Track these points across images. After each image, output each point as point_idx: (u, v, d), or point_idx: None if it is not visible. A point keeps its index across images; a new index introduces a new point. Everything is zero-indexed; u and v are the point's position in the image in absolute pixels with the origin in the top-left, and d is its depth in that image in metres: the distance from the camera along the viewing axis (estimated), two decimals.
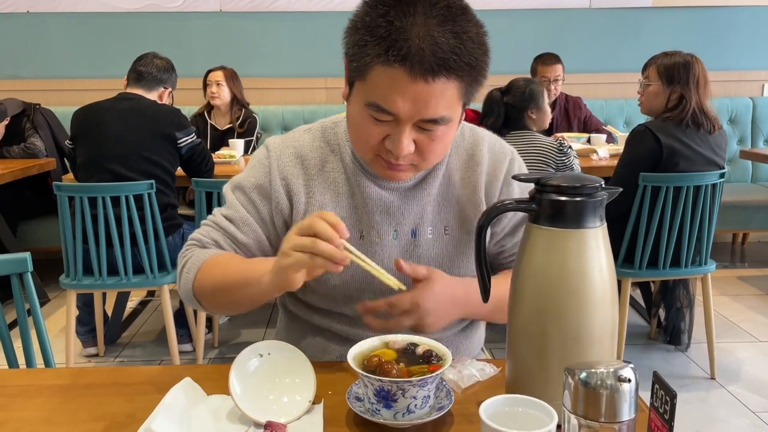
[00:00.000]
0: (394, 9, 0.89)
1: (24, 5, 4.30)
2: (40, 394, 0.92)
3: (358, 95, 0.97)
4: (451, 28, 0.89)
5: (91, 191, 2.47)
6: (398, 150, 0.95)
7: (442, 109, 0.92)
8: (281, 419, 0.84)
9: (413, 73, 0.88)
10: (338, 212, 1.11)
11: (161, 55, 2.90)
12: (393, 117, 0.93)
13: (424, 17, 0.88)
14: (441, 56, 0.88)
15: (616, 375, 0.64)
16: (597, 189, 0.81)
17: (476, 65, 0.92)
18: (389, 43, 0.88)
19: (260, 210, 1.12)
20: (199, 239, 1.13)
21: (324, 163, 1.13)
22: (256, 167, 1.14)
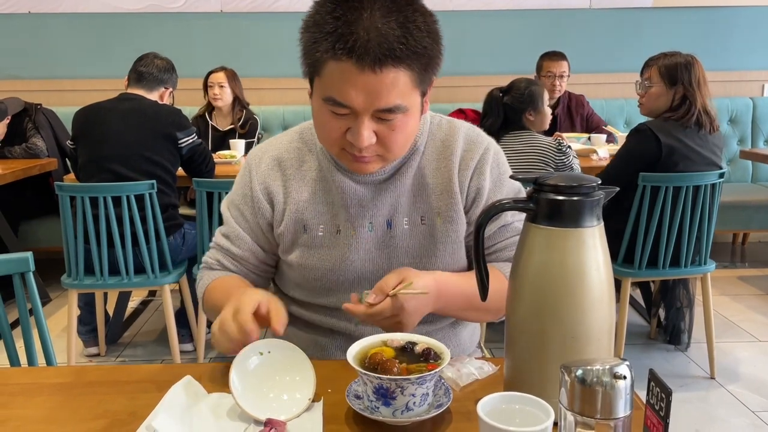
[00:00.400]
0: (341, 6, 0.92)
1: (25, 6, 4.31)
2: (42, 393, 0.93)
3: (316, 92, 1.00)
4: (396, 18, 0.91)
5: (92, 191, 2.48)
6: (358, 141, 0.97)
7: (395, 98, 0.94)
8: (281, 417, 0.85)
9: (361, 64, 0.90)
10: (315, 208, 1.14)
11: (162, 56, 2.91)
12: (349, 110, 0.95)
13: (370, 11, 0.91)
14: (386, 46, 0.90)
15: (612, 372, 0.65)
16: (594, 188, 0.82)
17: (425, 53, 0.94)
18: (336, 37, 0.91)
19: (249, 220, 1.18)
20: (206, 262, 1.24)
21: (301, 162, 1.17)
22: (239, 180, 1.20)
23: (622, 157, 2.62)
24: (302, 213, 1.15)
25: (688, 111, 2.48)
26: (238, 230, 1.18)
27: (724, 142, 2.65)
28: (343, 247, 1.13)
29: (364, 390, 0.85)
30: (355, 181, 1.13)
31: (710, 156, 2.53)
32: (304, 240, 1.15)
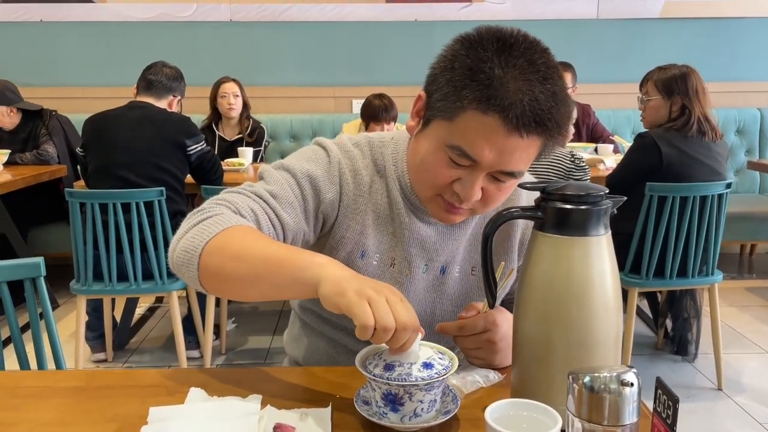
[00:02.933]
0: (497, 57, 0.88)
1: (37, 14, 4.36)
2: (54, 396, 0.94)
3: (437, 134, 0.94)
4: (550, 87, 0.89)
5: (102, 198, 2.51)
6: (468, 196, 0.94)
7: (522, 164, 0.93)
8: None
9: (509, 125, 0.87)
10: (375, 236, 1.09)
11: (170, 64, 2.94)
12: (473, 163, 0.92)
13: (525, 72, 0.88)
14: (539, 114, 0.88)
15: (619, 379, 0.65)
16: (601, 198, 0.83)
17: (563, 126, 0.92)
18: (491, 91, 0.87)
19: (307, 200, 1.04)
20: (233, 202, 0.98)
21: (371, 182, 1.09)
22: (312, 160, 1.07)
23: (625, 164, 2.67)
24: (365, 236, 1.08)
25: (688, 120, 2.52)
26: (291, 198, 1.02)
27: (729, 150, 2.66)
28: (393, 281, 1.09)
29: (372, 396, 0.85)
30: (420, 220, 1.08)
31: (713, 164, 2.54)
32: (358, 264, 1.08)
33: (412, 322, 0.78)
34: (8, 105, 3.53)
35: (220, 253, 0.90)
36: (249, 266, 0.88)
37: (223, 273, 0.90)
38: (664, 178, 2.49)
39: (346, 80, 4.47)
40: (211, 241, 0.90)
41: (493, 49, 0.89)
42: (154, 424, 0.85)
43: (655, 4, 4.49)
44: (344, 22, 4.43)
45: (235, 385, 0.95)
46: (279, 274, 0.87)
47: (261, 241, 0.91)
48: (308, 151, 1.10)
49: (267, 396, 0.91)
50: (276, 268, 0.87)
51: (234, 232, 0.91)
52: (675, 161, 2.50)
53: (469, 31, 0.94)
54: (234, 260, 0.89)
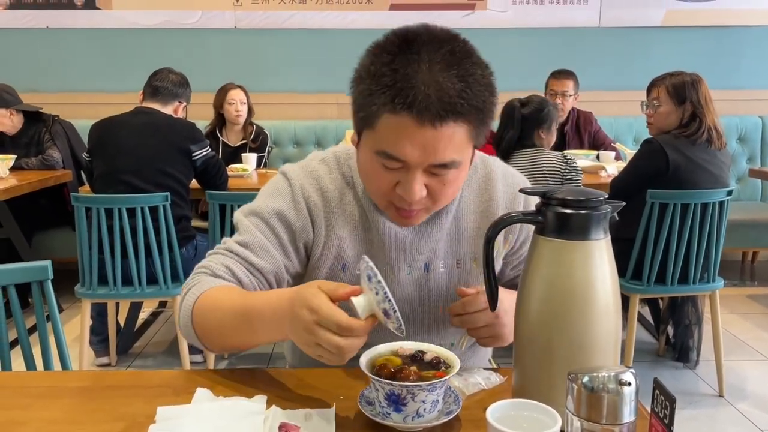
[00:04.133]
0: (398, 57, 0.90)
1: (43, 21, 4.40)
2: (62, 395, 0.96)
3: (367, 144, 0.97)
4: (456, 72, 0.89)
5: (107, 202, 2.53)
6: (410, 196, 0.95)
7: (451, 153, 0.93)
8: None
9: (421, 119, 0.88)
10: (355, 247, 1.10)
11: (176, 71, 2.97)
12: (403, 164, 0.93)
13: (429, 63, 0.89)
14: (447, 101, 0.88)
15: (617, 379, 0.67)
16: (601, 202, 0.84)
17: (483, 107, 0.92)
18: (395, 91, 0.88)
19: (280, 236, 1.08)
20: (208, 266, 1.07)
21: (341, 195, 1.11)
22: (275, 195, 1.10)
23: (631, 169, 2.67)
24: (343, 251, 1.10)
25: (699, 128, 2.52)
26: (263, 241, 1.07)
27: (732, 158, 2.67)
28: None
29: (375, 396, 0.87)
30: (395, 224, 1.10)
31: (717, 172, 2.56)
32: (341, 278, 1.10)
33: (352, 345, 0.83)
34: (6, 107, 3.54)
35: (204, 324, 1.01)
36: (226, 326, 0.98)
37: (214, 336, 1.02)
38: (669, 184, 2.50)
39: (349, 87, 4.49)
40: (194, 311, 1.01)
41: (396, 49, 0.91)
42: (162, 423, 0.86)
43: (657, 13, 4.52)
44: (348, 29, 4.46)
45: (240, 386, 0.97)
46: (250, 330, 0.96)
47: (226, 302, 0.99)
48: (272, 185, 1.13)
49: (272, 397, 0.93)
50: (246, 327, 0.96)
51: (210, 297, 1.01)
52: (681, 168, 2.51)
53: (378, 39, 0.96)
54: (215, 325, 1.00)
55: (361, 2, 4.43)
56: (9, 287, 1.39)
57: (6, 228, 3.32)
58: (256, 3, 4.41)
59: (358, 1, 4.43)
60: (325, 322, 0.82)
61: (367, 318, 0.85)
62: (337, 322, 0.82)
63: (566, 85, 3.80)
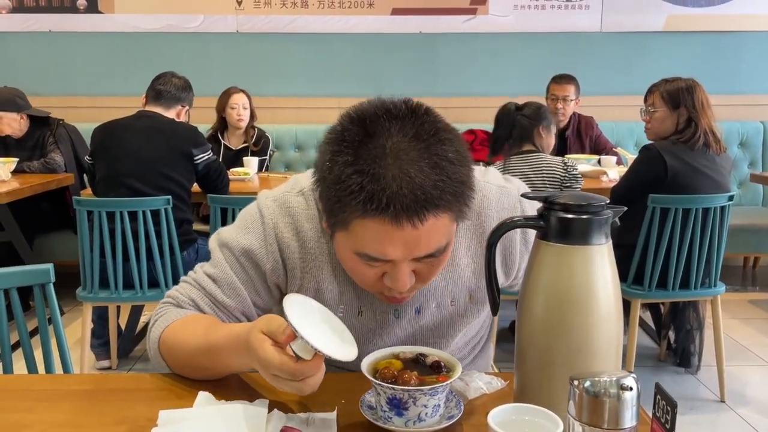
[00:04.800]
0: (361, 157, 0.82)
1: (46, 25, 4.42)
2: (65, 398, 0.96)
3: (343, 242, 0.91)
4: (427, 160, 0.82)
5: (109, 206, 2.53)
6: (400, 287, 0.91)
7: (436, 243, 0.88)
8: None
9: (398, 220, 0.82)
10: (335, 287, 1.05)
11: (179, 74, 2.98)
12: (387, 261, 0.88)
13: (395, 156, 0.82)
14: (422, 197, 0.81)
15: (619, 384, 0.67)
16: (602, 207, 0.84)
17: (462, 190, 0.86)
18: (365, 195, 0.81)
19: (250, 274, 1.05)
20: (175, 297, 1.06)
21: (319, 235, 1.04)
22: (248, 229, 1.05)
23: (630, 176, 2.68)
24: (321, 293, 1.05)
25: (695, 133, 2.53)
26: (232, 278, 1.04)
27: (733, 163, 2.67)
28: (364, 329, 1.06)
29: (377, 400, 0.87)
30: None
31: (717, 177, 2.56)
32: None
33: (311, 383, 0.83)
34: (19, 111, 3.57)
35: (171, 357, 1.01)
36: (192, 362, 0.99)
37: (184, 369, 1.01)
38: (668, 190, 2.51)
39: (351, 91, 4.49)
40: (160, 345, 1.02)
41: (357, 143, 0.84)
42: (164, 426, 0.87)
43: (659, 18, 4.53)
44: (349, 33, 4.47)
45: (242, 390, 0.97)
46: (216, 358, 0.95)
47: (190, 337, 0.98)
48: (247, 217, 1.07)
49: (273, 400, 0.93)
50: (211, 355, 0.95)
51: (173, 331, 1.01)
52: (680, 174, 2.52)
53: (336, 124, 0.90)
54: (181, 358, 1.00)
55: (363, 7, 4.44)
56: (11, 290, 1.39)
57: (7, 231, 3.32)
58: (258, 7, 4.43)
59: (360, 6, 4.44)
60: (276, 371, 0.82)
61: (312, 357, 0.81)
62: (283, 370, 0.81)
63: (567, 90, 3.80)
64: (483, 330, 1.23)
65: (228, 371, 0.99)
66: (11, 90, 3.62)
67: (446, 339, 1.12)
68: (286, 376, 0.81)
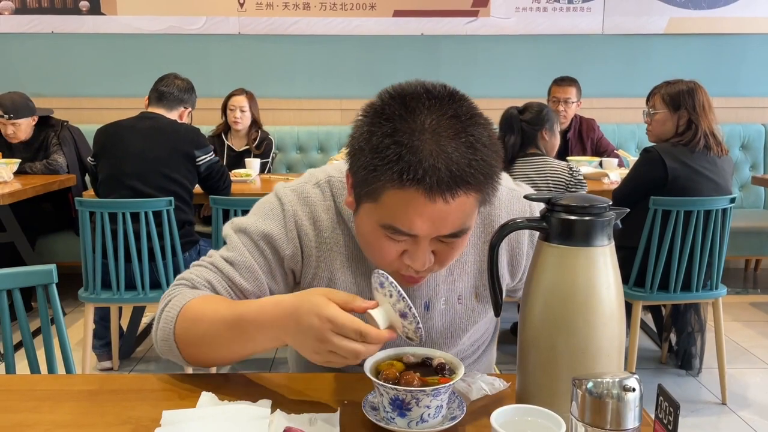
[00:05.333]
0: (399, 126, 0.85)
1: (49, 26, 4.43)
2: (69, 399, 0.96)
3: (369, 215, 0.92)
4: (464, 139, 0.85)
5: (111, 207, 2.54)
6: (419, 265, 0.92)
7: (461, 223, 0.90)
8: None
9: (431, 194, 0.84)
10: (347, 279, 1.08)
11: (182, 76, 2.99)
12: (411, 236, 0.90)
13: (433, 132, 0.84)
14: (458, 173, 0.84)
15: (622, 385, 0.67)
16: (605, 209, 0.85)
17: (492, 173, 0.89)
18: (402, 165, 0.83)
19: (268, 259, 1.06)
20: (189, 279, 1.05)
21: (334, 225, 1.07)
22: (267, 216, 1.07)
23: (630, 179, 2.69)
24: (334, 283, 1.07)
25: (695, 135, 2.53)
26: (250, 262, 1.05)
27: (734, 166, 2.67)
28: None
29: (380, 401, 0.87)
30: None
31: (718, 180, 2.56)
32: None
33: (370, 351, 0.83)
34: (32, 115, 3.60)
35: (188, 338, 0.98)
36: (214, 336, 0.96)
37: (200, 348, 0.99)
38: (669, 192, 2.51)
39: (353, 93, 4.51)
40: (176, 325, 0.99)
41: (396, 117, 0.86)
42: (168, 426, 0.87)
43: (660, 20, 4.53)
44: (352, 35, 4.48)
45: (244, 391, 0.97)
46: (243, 339, 0.94)
47: (213, 312, 0.96)
48: (265, 205, 1.09)
49: (276, 401, 0.93)
50: (238, 335, 0.94)
51: (192, 310, 0.98)
52: (680, 176, 2.52)
53: (374, 100, 0.91)
54: (201, 336, 0.97)
55: (364, 9, 4.45)
56: (14, 290, 1.39)
57: (9, 232, 3.33)
58: (260, 9, 4.43)
59: (362, 8, 4.45)
60: (343, 329, 0.82)
61: (387, 328, 0.84)
62: (357, 329, 0.82)
63: (569, 92, 3.81)
64: (488, 331, 1.24)
65: (250, 348, 0.95)
66: (21, 95, 3.62)
67: (454, 339, 1.13)
68: (353, 335, 0.82)
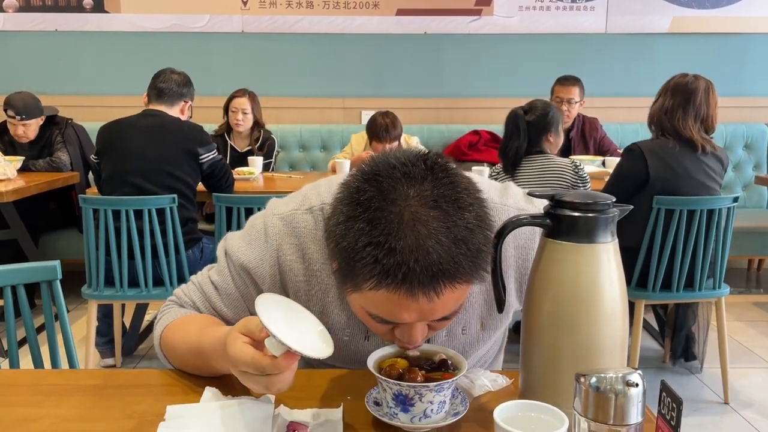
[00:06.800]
0: (376, 227, 0.78)
1: (52, 24, 4.44)
2: (74, 393, 0.97)
3: (354, 299, 0.88)
4: (446, 230, 0.78)
5: (115, 204, 2.54)
6: (412, 342, 0.89)
7: (451, 308, 0.86)
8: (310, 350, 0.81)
9: (413, 293, 0.79)
10: (341, 312, 1.04)
11: (177, 70, 2.97)
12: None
13: (412, 226, 0.78)
14: (439, 272, 0.78)
15: (625, 380, 0.67)
16: (609, 206, 0.85)
17: (481, 259, 0.82)
18: (379, 269, 0.78)
19: (249, 288, 1.05)
20: (179, 297, 1.10)
21: (326, 257, 1.00)
22: (250, 243, 1.04)
23: (614, 176, 2.68)
24: (327, 316, 1.04)
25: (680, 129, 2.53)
26: (232, 289, 1.04)
27: (726, 164, 2.64)
28: (370, 353, 0.98)
29: (383, 397, 0.87)
30: None
31: (702, 179, 2.54)
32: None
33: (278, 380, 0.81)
34: (41, 116, 3.61)
35: (170, 355, 1.05)
36: (186, 361, 1.02)
37: (182, 366, 1.04)
38: (652, 191, 2.50)
39: (355, 92, 4.51)
40: (161, 343, 1.06)
41: (374, 206, 0.80)
42: (171, 421, 0.87)
43: (664, 19, 4.52)
44: (355, 34, 4.48)
45: None
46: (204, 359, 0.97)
47: (184, 337, 1.01)
48: (252, 230, 1.05)
49: (280, 396, 0.93)
50: (199, 356, 0.97)
51: (172, 330, 1.05)
52: (661, 173, 2.50)
53: (349, 181, 0.85)
54: (179, 356, 1.03)
55: (368, 7, 4.45)
56: (18, 286, 1.40)
57: (13, 229, 3.34)
58: (263, 7, 4.44)
59: (365, 6, 4.45)
60: (243, 368, 0.81)
61: (282, 355, 0.79)
62: (249, 365, 0.80)
63: (572, 92, 3.80)
64: (492, 349, 1.22)
65: (216, 373, 0.98)
66: (31, 95, 3.62)
67: None
68: (254, 370, 0.80)
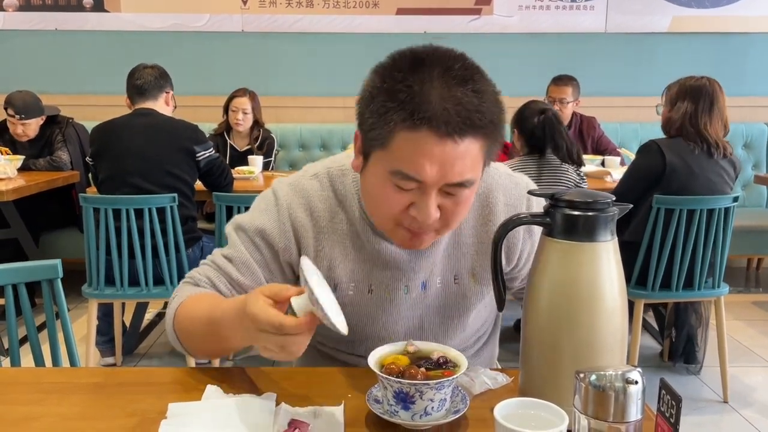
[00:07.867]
0: (410, 74, 0.89)
1: (52, 23, 4.44)
2: (75, 391, 0.97)
3: (378, 164, 0.94)
4: (472, 87, 0.89)
5: (115, 203, 2.55)
6: (425, 217, 0.93)
7: (467, 171, 0.91)
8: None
9: (440, 133, 0.87)
10: (346, 266, 1.09)
11: (149, 64, 2.95)
12: (418, 184, 0.91)
13: (442, 79, 0.88)
14: (466, 115, 0.87)
15: (624, 377, 0.68)
16: (608, 204, 0.85)
17: (497, 122, 0.92)
18: (413, 105, 0.87)
19: (263, 254, 1.09)
20: (193, 277, 1.12)
21: (333, 214, 1.09)
22: (262, 212, 1.10)
23: (629, 174, 2.67)
24: (333, 271, 1.09)
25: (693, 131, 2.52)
26: (247, 257, 1.08)
27: (739, 168, 2.65)
28: (373, 306, 1.10)
29: (384, 394, 0.88)
30: (391, 243, 1.07)
31: (715, 179, 2.54)
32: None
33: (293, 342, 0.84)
34: (41, 115, 3.61)
35: (183, 333, 1.05)
36: (199, 334, 1.02)
37: (193, 342, 1.06)
38: (667, 186, 2.50)
39: (355, 91, 4.44)
40: (175, 320, 1.06)
41: (407, 68, 0.90)
42: (173, 419, 0.88)
43: (663, 19, 4.53)
44: (355, 33, 4.48)
45: (249, 384, 0.98)
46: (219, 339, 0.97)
47: (198, 311, 1.02)
48: (261, 201, 1.13)
49: (281, 394, 0.94)
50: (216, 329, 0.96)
51: (186, 307, 1.05)
52: (677, 170, 2.51)
53: (384, 60, 0.96)
54: (191, 332, 1.04)
55: (368, 6, 4.45)
56: (19, 285, 1.40)
57: (13, 228, 3.34)
58: (263, 6, 4.44)
59: (365, 6, 4.45)
60: (262, 325, 0.83)
61: (306, 315, 0.82)
62: (272, 322, 0.82)
63: (564, 92, 3.78)
64: (488, 322, 1.24)
65: (228, 344, 0.99)
66: (32, 94, 3.62)
67: (453, 323, 1.13)
68: (270, 329, 0.82)
